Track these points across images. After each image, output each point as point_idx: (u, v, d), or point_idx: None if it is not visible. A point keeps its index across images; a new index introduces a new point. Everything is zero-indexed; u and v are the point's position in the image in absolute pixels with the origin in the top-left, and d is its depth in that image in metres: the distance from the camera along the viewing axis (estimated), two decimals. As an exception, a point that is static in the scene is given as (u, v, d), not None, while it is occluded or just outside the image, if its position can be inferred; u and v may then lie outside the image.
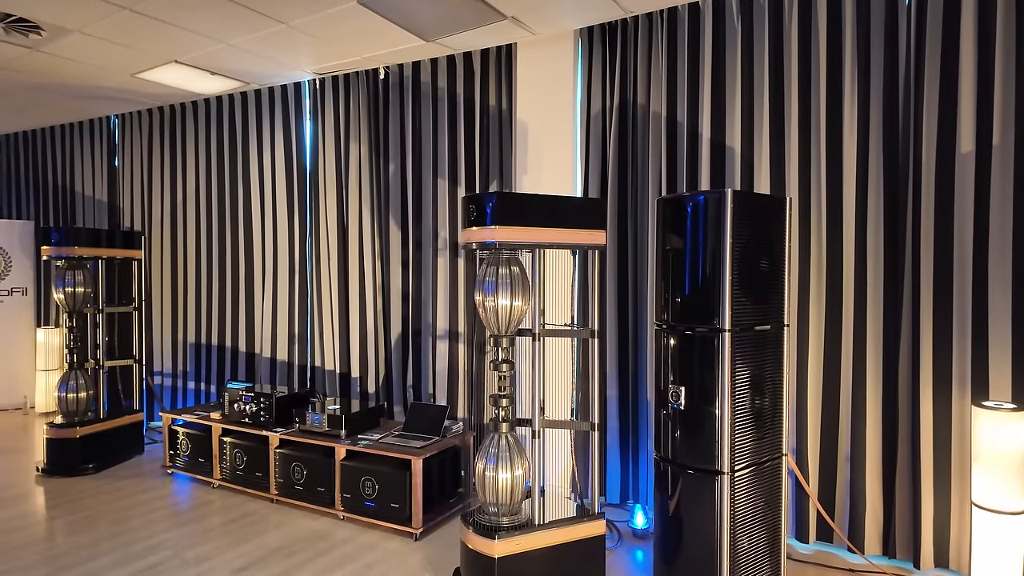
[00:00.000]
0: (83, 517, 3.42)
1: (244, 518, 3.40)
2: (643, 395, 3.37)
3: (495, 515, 2.55)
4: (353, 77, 4.22)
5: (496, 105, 3.75)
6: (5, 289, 5.88)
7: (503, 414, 2.57)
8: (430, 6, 3.11)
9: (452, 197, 3.92)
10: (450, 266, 3.94)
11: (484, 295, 2.52)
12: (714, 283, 2.33)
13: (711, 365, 2.35)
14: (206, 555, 2.95)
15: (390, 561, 2.90)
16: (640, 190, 3.38)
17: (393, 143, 4.12)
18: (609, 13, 3.25)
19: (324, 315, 4.38)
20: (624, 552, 3.01)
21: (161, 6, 3.13)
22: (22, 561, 2.89)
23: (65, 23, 3.35)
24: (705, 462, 2.37)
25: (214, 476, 3.87)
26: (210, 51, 3.77)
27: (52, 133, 5.89)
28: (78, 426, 4.11)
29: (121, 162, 5.41)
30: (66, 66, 4.04)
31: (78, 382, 4.21)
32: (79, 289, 4.19)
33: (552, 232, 2.53)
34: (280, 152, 4.57)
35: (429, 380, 4.03)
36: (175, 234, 5.11)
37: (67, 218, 5.84)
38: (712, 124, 3.11)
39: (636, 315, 3.39)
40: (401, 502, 3.14)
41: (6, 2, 3.09)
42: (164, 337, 5.18)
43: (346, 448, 3.36)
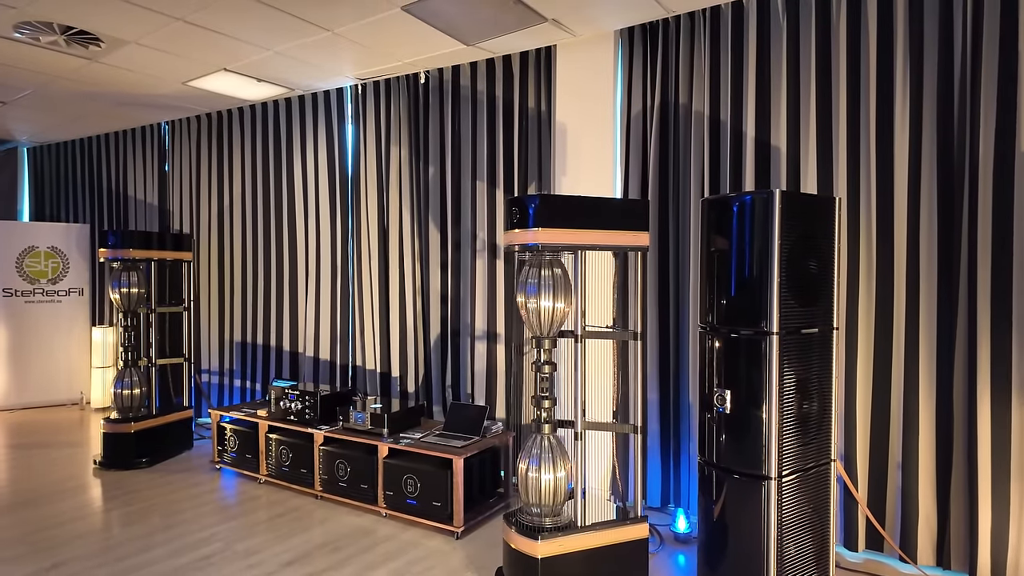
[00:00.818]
0: (138, 509, 3.56)
1: (290, 513, 3.49)
2: (684, 398, 3.34)
3: (537, 516, 2.56)
4: (394, 82, 4.29)
5: (535, 107, 3.77)
6: (63, 289, 6.16)
7: (545, 415, 2.58)
8: (472, 10, 3.15)
9: (491, 199, 3.95)
10: (488, 267, 3.97)
11: (526, 296, 2.53)
12: (761, 285, 2.30)
13: (758, 368, 2.32)
14: (255, 548, 3.04)
15: (433, 559, 2.94)
16: (681, 191, 3.35)
17: (433, 146, 4.17)
18: (650, 13, 3.23)
19: (365, 315, 4.47)
20: (666, 556, 2.98)
21: (213, 16, 3.24)
22: (83, 551, 3.03)
23: (123, 35, 3.50)
24: (751, 467, 2.33)
25: (260, 472, 3.98)
26: (257, 59, 3.88)
27: (106, 140, 6.14)
28: (132, 422, 4.28)
29: (171, 167, 5.62)
30: (122, 76, 4.22)
31: (132, 379, 4.39)
32: (133, 290, 4.36)
33: (595, 234, 2.53)
34: (323, 156, 4.68)
35: (468, 380, 4.06)
36: (222, 236, 5.28)
37: (120, 221, 6.08)
38: (757, 123, 3.07)
39: (677, 317, 3.37)
40: (443, 500, 3.18)
41: (69, 15, 3.25)
42: (212, 336, 5.35)
43: (388, 446, 3.42)
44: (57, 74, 4.19)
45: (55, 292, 6.11)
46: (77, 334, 6.20)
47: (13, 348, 5.93)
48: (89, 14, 3.21)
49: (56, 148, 6.59)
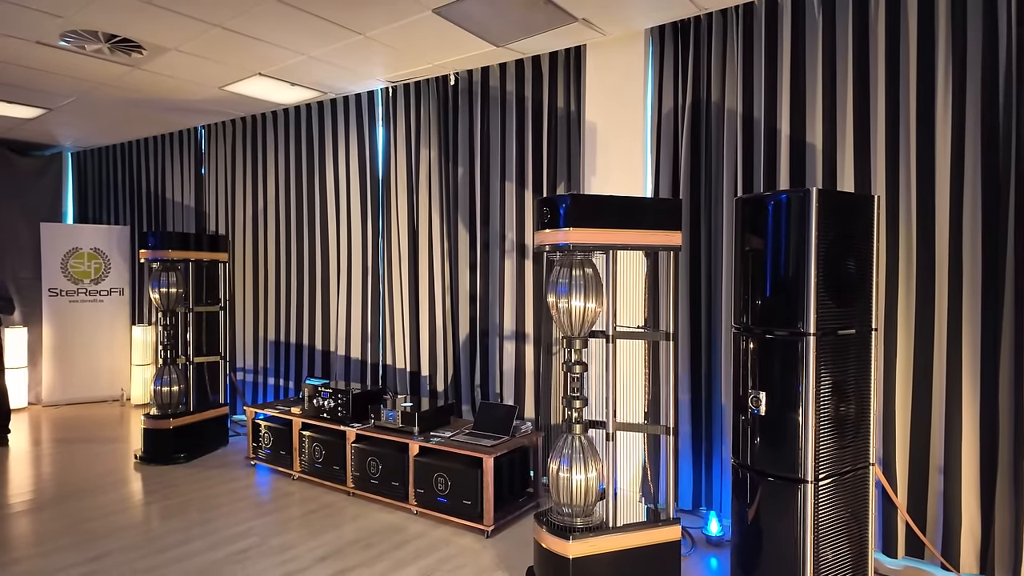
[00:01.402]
0: (177, 503, 3.66)
1: (323, 509, 3.55)
2: (716, 399, 3.30)
3: (568, 516, 2.56)
4: (424, 84, 4.34)
5: (564, 107, 3.76)
6: (105, 289, 6.37)
7: (576, 415, 2.58)
8: (503, 12, 3.16)
9: (519, 200, 3.96)
10: (517, 268, 3.98)
11: (557, 296, 2.53)
12: (797, 285, 2.26)
13: (794, 370, 2.28)
14: (290, 543, 3.10)
15: (463, 556, 2.96)
16: (713, 189, 3.31)
17: (462, 147, 4.20)
18: (682, 11, 3.21)
19: (395, 315, 4.52)
20: (698, 559, 2.95)
21: (250, 22, 3.32)
22: (125, 542, 3.13)
23: (164, 42, 3.60)
24: (787, 470, 2.30)
25: (294, 468, 4.06)
26: (291, 63, 3.96)
27: (145, 144, 6.33)
28: (171, 418, 4.40)
29: (207, 170, 5.76)
30: (162, 81, 4.34)
31: (171, 377, 4.52)
32: (172, 289, 4.49)
33: (626, 233, 2.52)
34: (354, 158, 4.74)
35: (496, 380, 4.08)
36: (256, 237, 5.39)
37: (159, 223, 6.26)
38: (791, 121, 3.01)
39: (710, 318, 3.33)
40: (473, 499, 3.20)
41: (113, 24, 3.36)
42: (247, 335, 5.47)
43: (419, 444, 3.45)
44: (100, 81, 4.33)
45: (97, 292, 6.32)
46: (118, 333, 6.40)
47: (58, 346, 6.15)
48: (132, 22, 3.31)
49: (98, 152, 6.81)
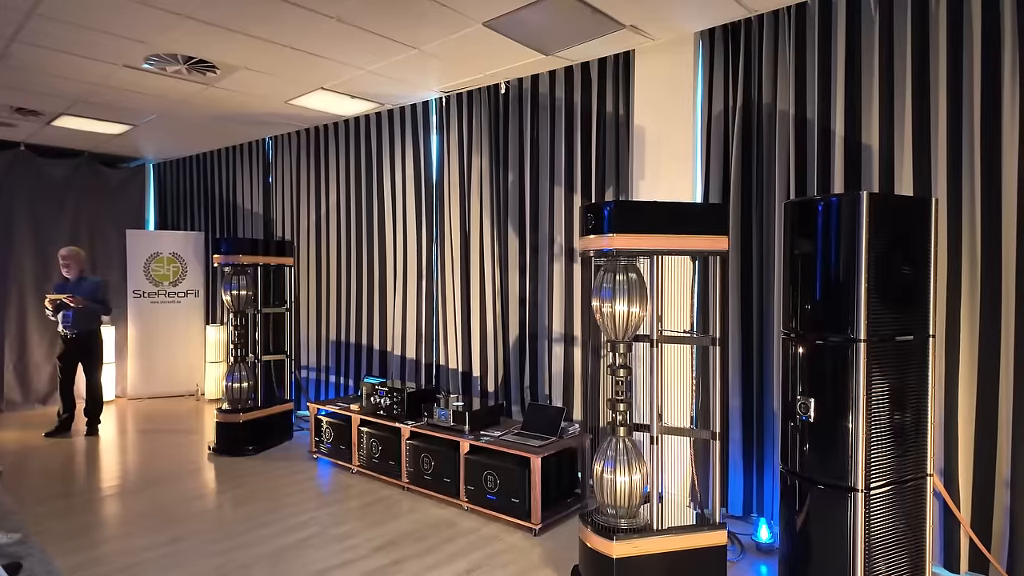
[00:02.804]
0: (246, 492, 3.92)
1: (379, 502, 3.72)
2: (769, 406, 3.26)
3: (613, 517, 2.61)
4: (476, 93, 4.46)
5: (613, 111, 3.80)
6: (182, 291, 6.83)
7: (620, 418, 2.62)
8: (551, 22, 3.24)
9: (568, 204, 4.02)
10: (566, 271, 4.03)
11: (601, 301, 2.58)
12: (847, 290, 2.23)
13: (844, 377, 2.25)
14: (349, 533, 3.28)
15: (511, 553, 3.05)
16: (765, 192, 3.27)
17: (513, 153, 4.30)
18: (731, 14, 3.19)
19: (448, 317, 4.66)
20: (747, 565, 2.93)
21: (314, 41, 3.52)
22: (201, 526, 3.39)
23: (235, 61, 3.87)
24: (836, 477, 2.27)
25: (353, 462, 4.26)
26: (351, 77, 4.16)
27: (218, 155, 6.75)
28: (241, 412, 4.69)
29: (274, 179, 6.10)
30: (234, 97, 4.65)
31: (241, 373, 4.82)
32: (243, 292, 4.79)
33: (671, 239, 2.54)
34: (410, 166, 4.93)
35: (545, 382, 4.15)
36: (319, 242, 5.67)
37: (230, 229, 6.67)
38: (846, 122, 2.95)
39: (761, 323, 3.29)
40: (521, 497, 3.29)
41: (191, 47, 3.64)
42: (310, 335, 5.76)
43: (470, 443, 3.56)
44: (179, 99, 4.68)
45: (175, 294, 6.79)
46: (193, 332, 6.86)
47: (141, 344, 6.65)
48: (208, 45, 3.58)
49: (176, 164, 7.32)
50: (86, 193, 6.70)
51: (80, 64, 3.90)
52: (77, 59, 3.81)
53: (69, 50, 3.66)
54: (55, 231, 6.43)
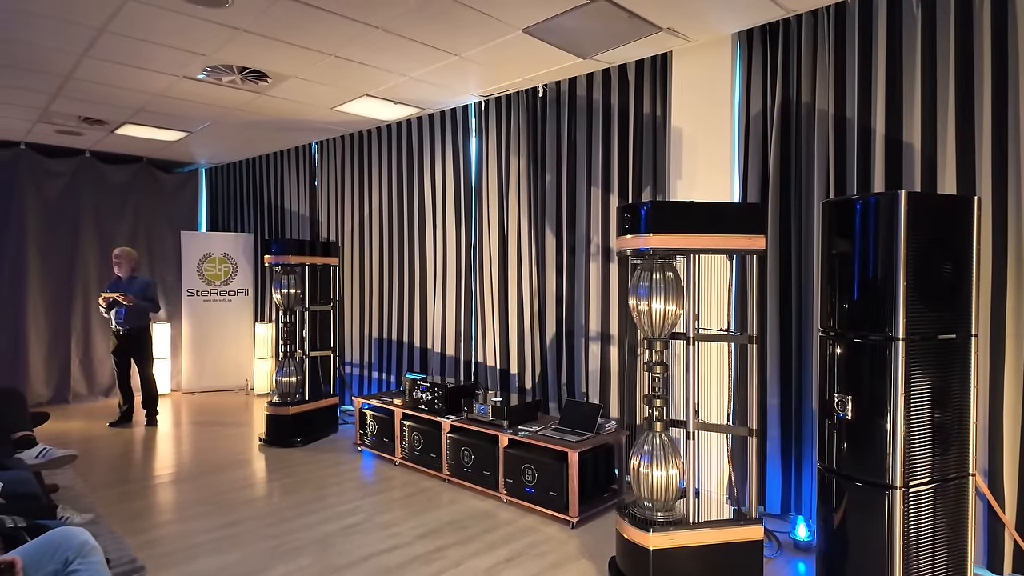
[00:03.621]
0: (295, 482, 4.11)
1: (421, 493, 3.86)
2: (807, 404, 3.26)
3: (650, 510, 2.67)
4: (514, 97, 4.56)
5: (650, 112, 3.84)
6: (232, 290, 7.14)
7: (656, 413, 2.68)
8: (589, 27, 3.31)
9: (605, 204, 4.08)
10: (602, 270, 4.10)
11: (638, 299, 2.65)
12: (886, 289, 2.25)
13: (882, 375, 2.26)
14: (393, 521, 3.42)
15: (549, 544, 3.14)
16: (804, 192, 3.28)
17: (550, 155, 4.38)
18: (769, 14, 3.21)
19: (486, 315, 4.78)
20: (784, 562, 2.95)
21: (360, 50, 3.68)
22: (254, 512, 3.58)
23: (286, 71, 4.06)
24: (875, 475, 2.28)
25: (396, 455, 4.41)
26: (394, 84, 4.32)
27: (266, 160, 7.04)
28: (290, 406, 4.91)
29: (320, 182, 6.33)
30: (283, 105, 4.86)
31: (290, 368, 5.04)
32: (291, 290, 5.01)
33: (707, 238, 2.59)
34: (449, 168, 5.06)
35: (582, 379, 4.22)
36: (362, 243, 5.87)
37: (278, 230, 6.94)
38: (887, 120, 2.94)
39: (800, 321, 3.29)
40: (559, 491, 3.37)
41: (245, 58, 3.84)
42: (353, 332, 5.96)
43: (508, 437, 3.67)
44: (232, 107, 4.92)
45: (226, 292, 7.11)
46: (243, 329, 7.16)
47: (194, 340, 6.98)
48: (261, 56, 3.78)
49: (226, 168, 7.65)
50: (144, 196, 7.07)
51: (144, 76, 4.16)
52: (141, 72, 4.07)
53: (134, 63, 3.92)
54: (116, 232, 6.81)
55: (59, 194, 6.46)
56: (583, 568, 2.88)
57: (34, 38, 3.49)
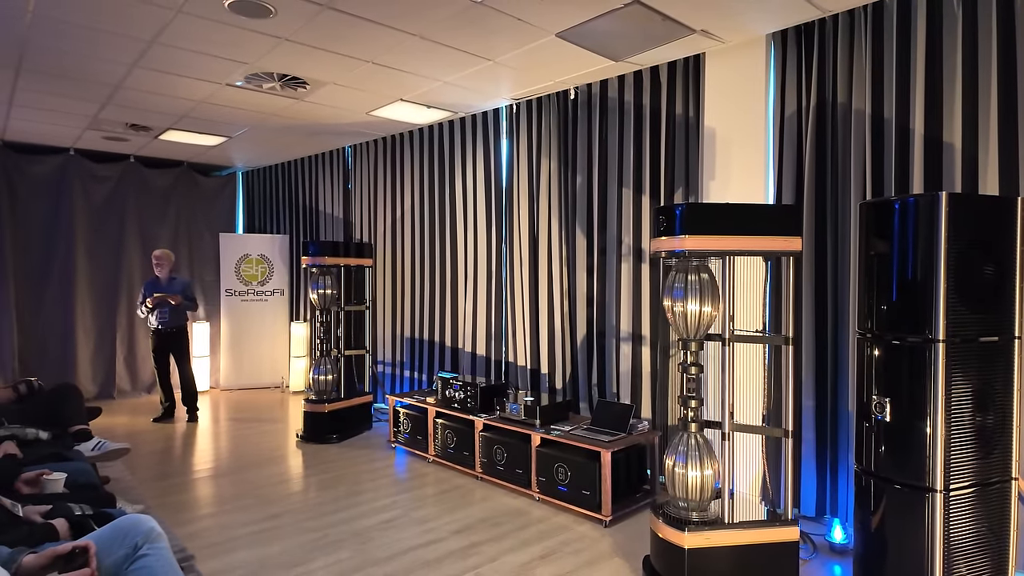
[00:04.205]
0: (332, 477, 4.22)
1: (455, 490, 3.93)
2: (843, 406, 3.24)
3: (685, 510, 2.69)
4: (545, 99, 4.61)
5: (683, 113, 3.85)
6: (268, 290, 7.33)
7: (692, 414, 2.70)
8: (622, 30, 3.34)
9: (637, 205, 4.10)
10: (634, 272, 4.12)
11: (673, 300, 2.67)
12: (925, 291, 2.23)
13: (922, 377, 2.25)
14: (427, 517, 3.50)
15: (582, 542, 3.18)
16: (840, 192, 3.26)
17: (581, 156, 4.42)
18: (805, 15, 3.20)
19: (516, 316, 4.83)
20: (819, 564, 2.94)
21: (396, 57, 3.77)
22: (294, 506, 3.69)
23: (324, 77, 4.18)
24: (914, 478, 2.27)
25: (429, 452, 4.50)
26: (428, 88, 4.40)
27: (301, 163, 7.21)
28: (326, 403, 5.03)
29: (353, 185, 6.47)
30: (319, 110, 4.99)
31: (326, 367, 5.16)
32: (328, 291, 5.14)
33: (743, 240, 2.60)
34: (480, 170, 5.13)
35: (613, 379, 4.25)
36: (394, 244, 5.98)
37: (312, 232, 7.10)
38: (926, 120, 2.90)
39: (836, 323, 3.27)
40: (592, 490, 3.40)
41: (286, 66, 3.96)
42: (385, 331, 6.08)
43: (541, 436, 3.71)
44: (270, 112, 5.07)
45: (263, 292, 7.30)
46: (279, 328, 7.35)
47: (232, 339, 7.18)
48: (302, 63, 3.89)
49: (263, 171, 7.85)
50: (185, 200, 7.31)
51: (189, 84, 4.32)
52: (186, 80, 4.22)
53: (181, 72, 4.07)
54: (159, 234, 7.06)
55: (105, 197, 6.72)
56: (617, 566, 2.92)
57: (88, 50, 3.66)
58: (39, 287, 6.36)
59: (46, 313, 6.39)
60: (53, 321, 6.41)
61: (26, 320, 6.27)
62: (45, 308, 6.39)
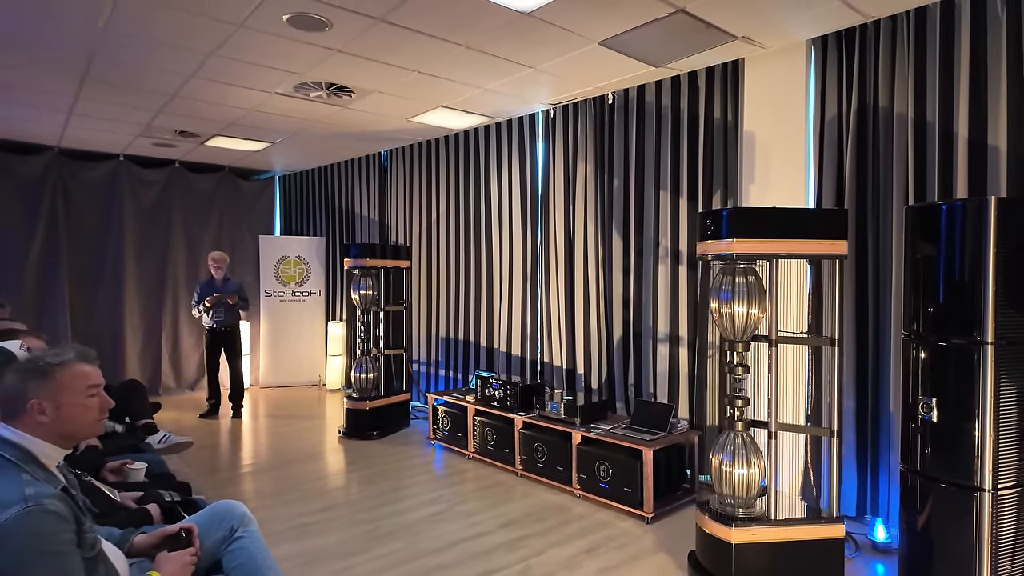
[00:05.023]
0: (376, 472, 4.36)
1: (496, 486, 4.04)
2: (884, 407, 3.27)
3: (730, 506, 2.76)
4: (582, 104, 4.70)
5: (721, 117, 3.91)
6: (306, 291, 7.53)
7: (738, 414, 2.76)
8: (665, 38, 3.42)
9: (674, 208, 4.16)
10: (671, 273, 4.18)
11: (720, 302, 2.74)
12: (973, 294, 2.28)
13: (969, 379, 2.29)
14: (473, 511, 3.61)
15: (625, 537, 3.26)
16: (882, 196, 3.29)
17: (617, 160, 4.49)
18: (846, 21, 3.24)
19: (552, 317, 4.93)
20: (863, 563, 2.98)
21: (441, 66, 3.89)
22: (343, 499, 3.83)
23: (370, 86, 4.32)
24: (962, 477, 2.31)
25: (468, 449, 4.61)
26: (469, 95, 4.52)
27: (337, 167, 7.39)
28: (368, 400, 5.18)
29: (389, 188, 6.62)
30: (362, 117, 5.14)
31: (367, 365, 5.32)
32: (368, 292, 5.29)
33: (789, 243, 2.66)
34: (516, 174, 5.24)
35: (650, 380, 4.31)
36: (429, 246, 6.12)
37: (348, 234, 7.28)
38: (970, 123, 2.93)
39: (877, 325, 3.31)
40: (633, 487, 3.49)
41: (335, 76, 4.11)
42: (421, 331, 6.22)
43: (581, 434, 3.80)
44: (315, 120, 5.24)
45: (300, 293, 7.50)
46: (316, 327, 7.54)
47: (271, 338, 7.39)
48: (350, 73, 4.04)
49: (300, 175, 8.06)
50: (227, 203, 7.55)
51: (240, 93, 4.50)
52: (239, 89, 4.40)
53: (234, 82, 4.25)
54: (203, 237, 7.30)
55: (153, 201, 6.98)
56: (662, 560, 3.00)
57: (149, 62, 3.85)
58: (92, 288, 6.64)
59: (98, 313, 6.66)
60: (104, 320, 6.68)
61: (80, 320, 6.54)
62: (97, 308, 6.66)
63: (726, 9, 3.07)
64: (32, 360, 1.45)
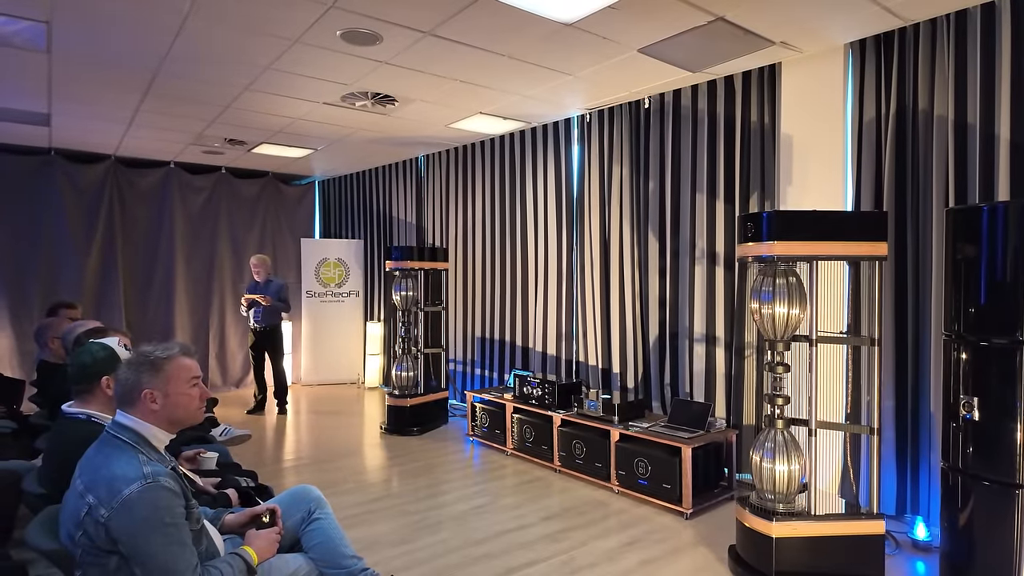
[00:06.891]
0: (419, 466, 4.52)
1: (535, 481, 4.16)
2: (924, 406, 3.30)
3: (771, 502, 2.83)
4: (617, 109, 4.79)
5: (758, 121, 3.97)
6: (345, 292, 7.76)
7: (778, 412, 2.83)
8: (703, 44, 3.50)
9: (711, 210, 4.23)
10: (707, 274, 4.24)
11: (761, 303, 2.82)
12: (1016, 294, 2.31)
13: (1012, 378, 2.33)
14: (515, 504, 3.74)
15: (665, 532, 3.35)
16: (921, 198, 3.32)
17: (653, 163, 4.57)
18: (885, 25, 3.28)
19: (587, 317, 5.03)
20: (903, 560, 3.02)
21: (482, 75, 4.03)
22: (391, 491, 4.00)
23: (413, 95, 4.48)
24: (1004, 475, 2.35)
25: (507, 445, 4.74)
26: (507, 102, 4.66)
27: (375, 172, 7.60)
28: (408, 398, 5.36)
29: (426, 192, 6.80)
30: (402, 124, 5.32)
31: (407, 364, 5.49)
32: (409, 293, 5.46)
33: (829, 245, 2.72)
34: (551, 177, 5.35)
35: (686, 379, 4.39)
36: (466, 248, 6.27)
37: (386, 237, 7.48)
38: (1012, 125, 2.95)
39: (917, 325, 3.34)
40: (672, 483, 3.57)
41: (381, 86, 4.28)
42: (457, 331, 6.38)
43: (619, 432, 3.90)
44: (358, 127, 5.43)
45: (340, 294, 7.73)
46: (355, 327, 7.77)
47: (311, 337, 7.64)
48: (395, 83, 4.21)
49: (339, 180, 8.30)
50: (270, 207, 7.83)
51: (290, 104, 4.71)
52: (289, 100, 4.61)
53: (285, 93, 4.45)
54: (247, 240, 7.59)
55: (201, 206, 7.29)
56: (702, 554, 3.08)
57: (206, 75, 4.07)
58: (144, 290, 6.96)
59: (151, 312, 6.98)
60: (156, 319, 7.00)
61: (134, 319, 6.87)
62: (150, 308, 6.99)
63: (765, 16, 3.14)
64: (143, 354, 1.62)
